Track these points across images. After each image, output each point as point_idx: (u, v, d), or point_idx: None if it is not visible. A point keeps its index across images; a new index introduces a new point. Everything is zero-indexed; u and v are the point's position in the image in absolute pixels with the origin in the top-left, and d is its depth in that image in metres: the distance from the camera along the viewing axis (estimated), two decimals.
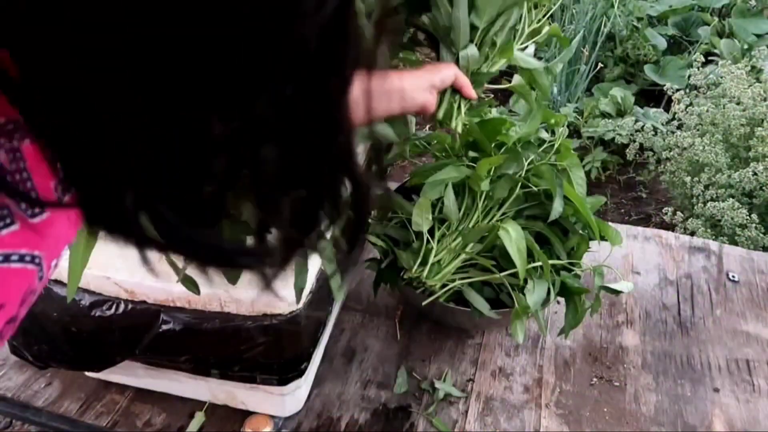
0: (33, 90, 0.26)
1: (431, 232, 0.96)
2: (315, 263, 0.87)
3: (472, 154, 0.98)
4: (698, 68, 2.13)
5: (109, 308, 0.85)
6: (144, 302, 0.85)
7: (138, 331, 0.85)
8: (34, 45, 0.25)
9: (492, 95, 2.69)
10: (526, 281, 0.92)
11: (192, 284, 0.79)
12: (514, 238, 0.88)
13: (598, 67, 2.61)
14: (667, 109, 2.39)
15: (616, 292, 1.03)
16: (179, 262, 0.79)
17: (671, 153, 1.96)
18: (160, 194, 0.29)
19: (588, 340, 1.14)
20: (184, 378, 0.94)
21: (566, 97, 2.54)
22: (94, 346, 0.87)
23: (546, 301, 0.94)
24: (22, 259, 0.35)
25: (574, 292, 0.97)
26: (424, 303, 0.95)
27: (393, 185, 1.15)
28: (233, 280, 0.80)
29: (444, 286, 0.94)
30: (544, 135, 1.02)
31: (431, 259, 0.93)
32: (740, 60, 2.22)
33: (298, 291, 0.79)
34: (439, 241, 0.95)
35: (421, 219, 0.93)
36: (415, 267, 0.94)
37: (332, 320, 1.07)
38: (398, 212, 1.00)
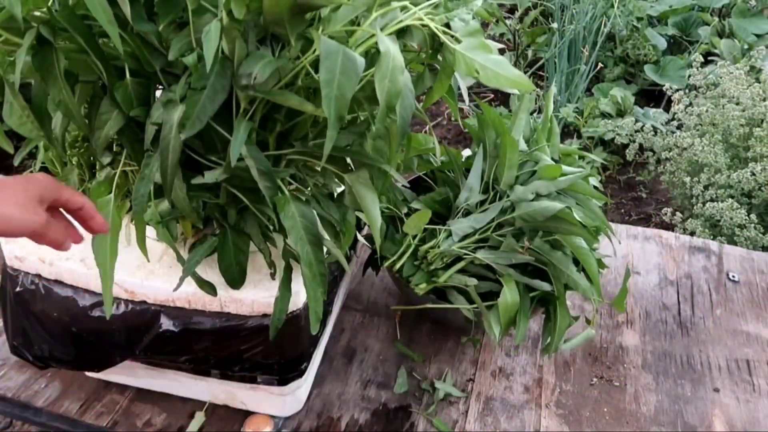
0: None
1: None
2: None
3: None
4: (697, 68, 2.13)
5: None
6: (144, 302, 0.85)
7: (138, 331, 0.85)
8: None
9: (491, 95, 2.70)
10: None
11: (209, 287, 0.79)
12: (509, 303, 0.92)
13: (598, 67, 2.61)
14: (667, 109, 2.39)
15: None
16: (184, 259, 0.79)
17: (671, 153, 1.96)
18: None
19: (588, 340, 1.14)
20: (184, 378, 0.94)
21: (566, 97, 2.54)
22: (94, 346, 0.87)
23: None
24: None
25: (550, 302, 0.98)
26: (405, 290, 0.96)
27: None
28: (236, 285, 0.80)
29: (431, 280, 0.97)
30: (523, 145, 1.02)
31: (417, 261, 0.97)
32: (740, 60, 2.22)
33: (276, 322, 0.79)
34: (431, 247, 0.97)
35: (414, 227, 0.95)
36: (396, 258, 0.97)
37: (332, 320, 1.07)
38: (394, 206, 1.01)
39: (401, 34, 0.63)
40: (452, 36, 0.63)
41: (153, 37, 0.62)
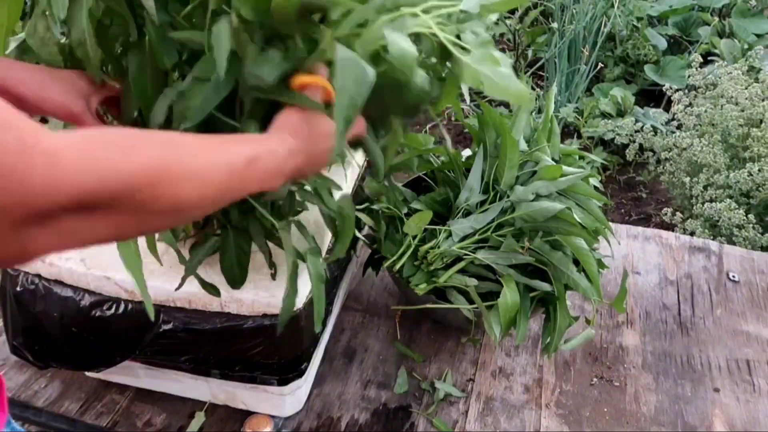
0: None
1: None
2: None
3: None
4: (696, 68, 2.12)
5: (109, 308, 0.85)
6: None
7: (138, 331, 0.85)
8: None
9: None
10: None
11: (212, 288, 0.79)
12: (509, 303, 0.92)
13: (598, 67, 2.61)
14: (667, 109, 2.39)
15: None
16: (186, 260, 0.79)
17: (670, 153, 1.96)
18: None
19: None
20: (184, 378, 0.94)
21: (566, 97, 2.54)
22: (94, 346, 0.87)
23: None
24: None
25: (550, 302, 0.98)
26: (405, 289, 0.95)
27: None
28: (237, 285, 0.80)
29: (431, 281, 0.97)
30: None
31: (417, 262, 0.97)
32: (740, 60, 2.22)
33: (286, 313, 0.78)
34: (431, 247, 0.97)
35: (414, 227, 0.95)
36: (396, 258, 0.96)
37: (332, 320, 1.07)
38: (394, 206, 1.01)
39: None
40: (462, 47, 0.62)
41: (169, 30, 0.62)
